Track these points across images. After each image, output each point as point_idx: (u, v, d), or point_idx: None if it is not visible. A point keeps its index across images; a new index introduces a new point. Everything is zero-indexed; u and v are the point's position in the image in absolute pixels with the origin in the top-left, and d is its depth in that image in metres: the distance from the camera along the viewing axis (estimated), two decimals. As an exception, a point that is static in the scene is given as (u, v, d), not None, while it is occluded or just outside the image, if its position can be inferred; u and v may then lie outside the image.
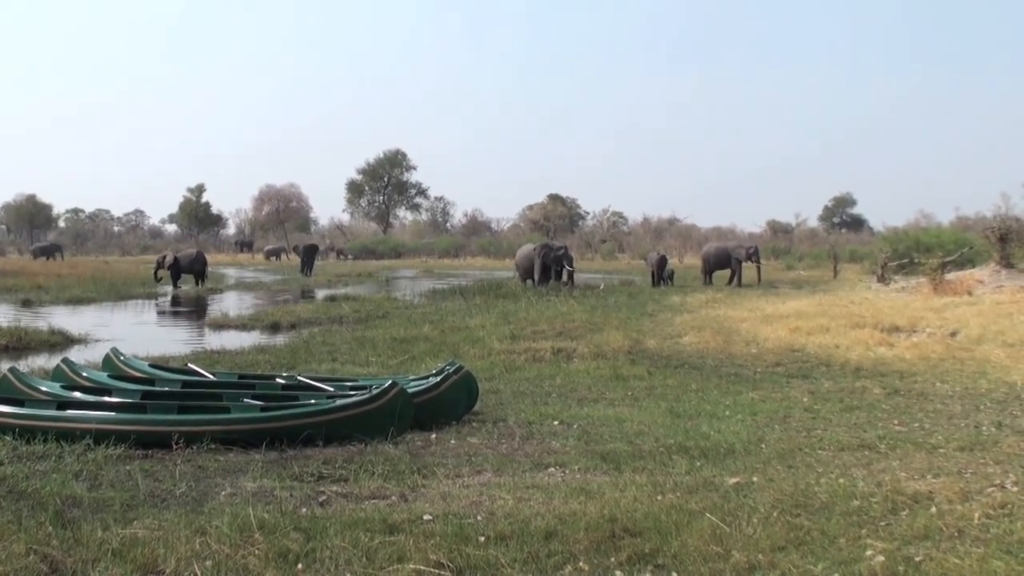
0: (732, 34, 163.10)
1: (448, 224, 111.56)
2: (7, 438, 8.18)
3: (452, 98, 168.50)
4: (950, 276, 26.20)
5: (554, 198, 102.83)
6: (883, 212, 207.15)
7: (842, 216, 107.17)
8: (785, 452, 8.08)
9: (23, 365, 13.20)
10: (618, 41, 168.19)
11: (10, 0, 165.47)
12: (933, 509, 6.02)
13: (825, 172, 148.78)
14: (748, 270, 38.85)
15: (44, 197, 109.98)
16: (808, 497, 6.38)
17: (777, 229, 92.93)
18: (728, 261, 38.31)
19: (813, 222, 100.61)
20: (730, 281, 37.69)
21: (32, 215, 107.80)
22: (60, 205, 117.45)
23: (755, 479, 6.99)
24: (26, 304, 29.89)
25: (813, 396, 11.32)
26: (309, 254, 50.79)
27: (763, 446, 8.35)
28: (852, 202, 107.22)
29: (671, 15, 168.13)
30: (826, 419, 9.79)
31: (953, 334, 16.32)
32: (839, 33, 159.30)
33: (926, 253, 30.74)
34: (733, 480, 6.94)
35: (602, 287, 34.19)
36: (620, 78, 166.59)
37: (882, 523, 5.81)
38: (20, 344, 18.27)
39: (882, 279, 31.88)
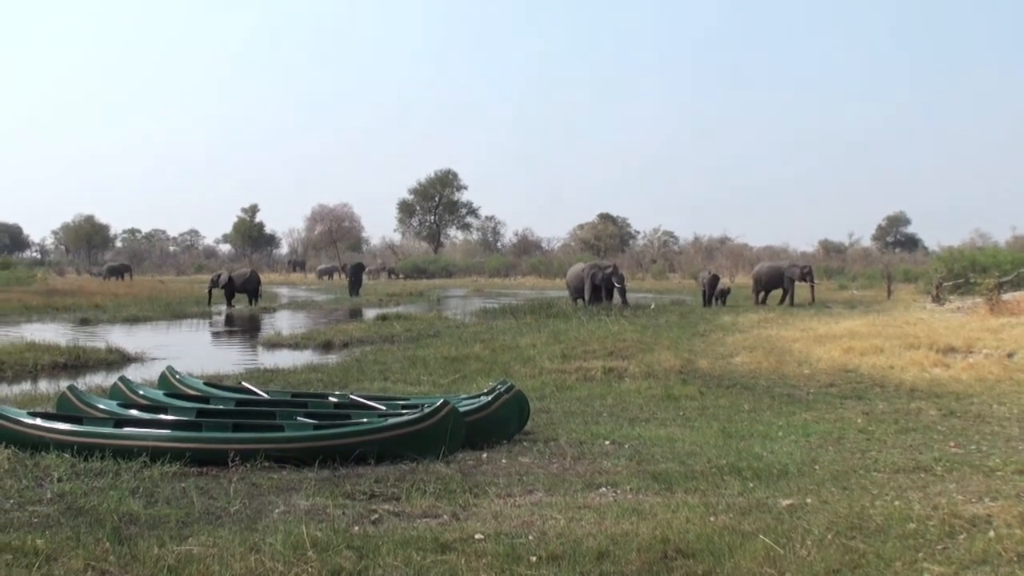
0: (786, 54, 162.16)
1: (499, 243, 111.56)
2: (66, 455, 8.31)
3: (503, 117, 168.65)
4: (1007, 296, 25.75)
5: (604, 217, 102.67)
6: (938, 231, 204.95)
7: (896, 235, 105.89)
8: (839, 474, 7.99)
9: (81, 383, 13.41)
10: (667, 61, 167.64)
11: (78, 31, 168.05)
12: (991, 533, 5.92)
13: (879, 191, 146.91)
14: (801, 289, 38.47)
15: (102, 218, 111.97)
16: (863, 519, 6.30)
17: (830, 248, 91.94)
18: (781, 280, 37.91)
19: (866, 241, 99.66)
20: (782, 300, 37.34)
21: (90, 235, 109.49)
22: (117, 225, 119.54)
23: (809, 501, 6.92)
24: (84, 323, 30.41)
25: (867, 417, 11.19)
26: (356, 274, 50.97)
27: (817, 467, 8.26)
28: (906, 221, 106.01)
29: (727, 31, 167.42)
30: (881, 441, 9.67)
31: (1010, 355, 16.05)
32: (893, 54, 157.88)
33: (982, 273, 30.26)
34: (787, 502, 6.88)
35: (653, 306, 34.06)
36: (670, 95, 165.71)
37: (939, 547, 5.73)
38: (78, 362, 18.60)
39: (937, 299, 31.44)
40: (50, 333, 25.03)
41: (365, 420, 9.29)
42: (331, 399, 11.06)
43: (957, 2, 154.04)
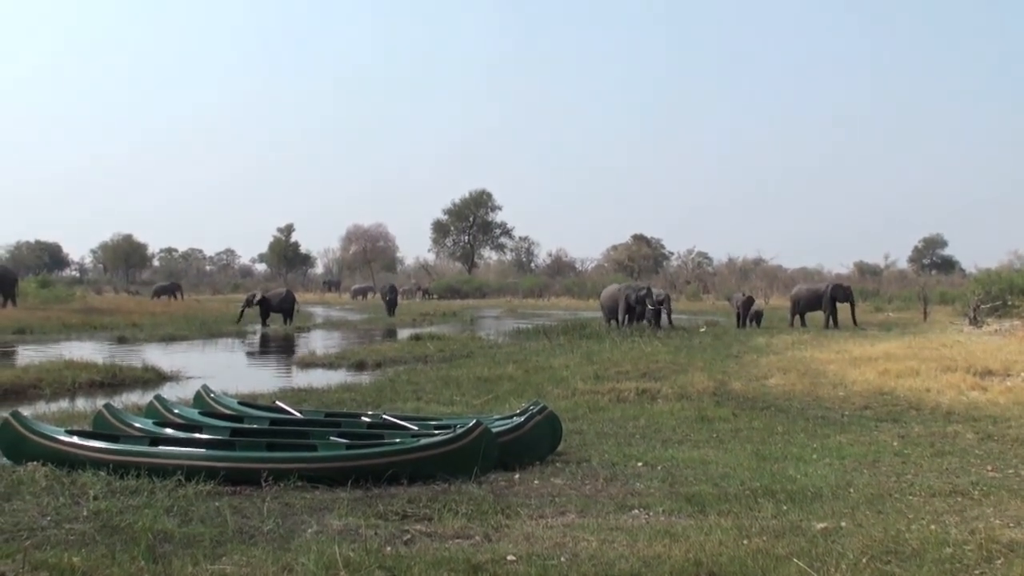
0: (815, 73, 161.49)
1: (532, 264, 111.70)
2: (102, 473, 8.38)
3: (536, 136, 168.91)
4: (1046, 319, 25.53)
5: (638, 238, 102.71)
6: (975, 253, 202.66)
7: (932, 257, 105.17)
8: (874, 497, 7.92)
9: (118, 401, 13.51)
10: (696, 82, 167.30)
11: (122, 50, 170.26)
12: (1030, 558, 5.87)
13: (915, 213, 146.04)
14: (841, 312, 38.15)
15: (140, 237, 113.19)
16: (899, 544, 6.25)
17: (865, 270, 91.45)
18: (819, 302, 37.63)
19: (902, 263, 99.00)
20: (826, 323, 36.99)
21: (128, 254, 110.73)
22: (155, 244, 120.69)
23: (843, 524, 6.87)
24: (121, 341, 30.74)
25: (903, 440, 11.09)
26: (391, 295, 50.87)
27: (851, 491, 8.19)
28: (943, 243, 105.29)
29: (759, 53, 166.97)
30: (917, 464, 9.58)
31: (1049, 379, 15.89)
32: (927, 76, 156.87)
33: (1020, 295, 30.01)
34: (821, 525, 6.83)
35: (704, 328, 33.98)
36: (703, 119, 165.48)
37: (976, 571, 5.68)
38: (115, 381, 18.75)
39: (974, 322, 31.20)
40: (88, 351, 25.30)
41: (398, 440, 9.32)
42: (364, 419, 11.08)
43: (1000, 20, 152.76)
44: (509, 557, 6.04)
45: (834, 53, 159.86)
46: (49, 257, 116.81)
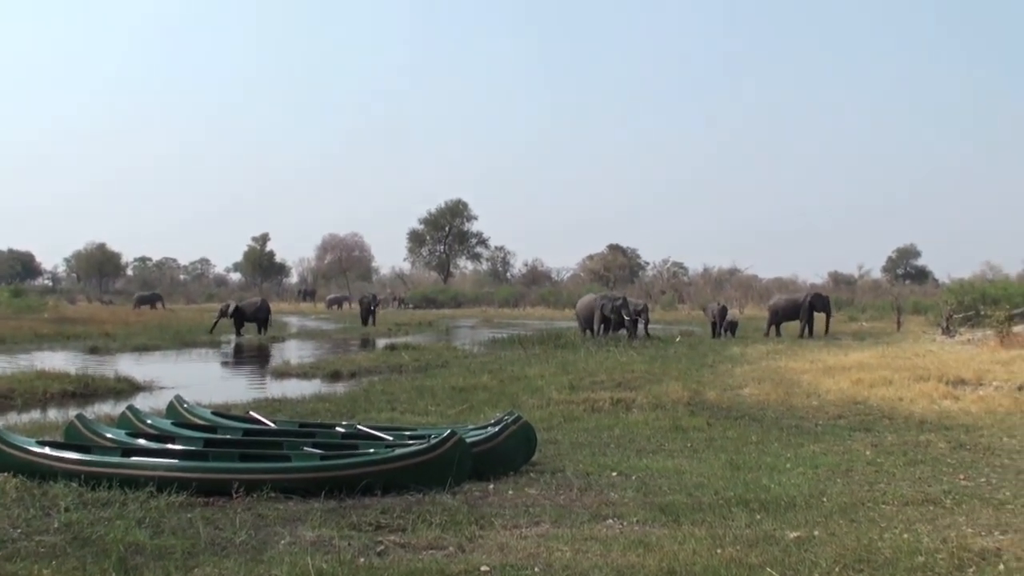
0: (795, 82, 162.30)
1: (508, 274, 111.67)
2: (73, 484, 8.31)
3: (512, 146, 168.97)
4: (1017, 329, 25.71)
5: (614, 248, 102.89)
6: (948, 264, 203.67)
7: (906, 267, 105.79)
8: (847, 506, 7.96)
9: (90, 412, 13.42)
10: (669, 90, 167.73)
11: (99, 58, 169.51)
12: (1001, 567, 5.92)
13: (888, 223, 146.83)
14: (816, 321, 38.42)
15: (113, 246, 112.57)
16: (871, 552, 6.28)
17: (839, 280, 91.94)
18: (797, 312, 37.92)
19: (876, 273, 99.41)
20: (801, 332, 37.25)
21: (101, 263, 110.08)
22: (128, 254, 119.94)
23: (816, 533, 6.90)
24: (94, 351, 30.51)
25: (876, 449, 11.15)
26: (373, 304, 50.65)
27: (825, 500, 8.23)
28: (916, 253, 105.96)
29: (729, 66, 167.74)
30: (889, 473, 9.64)
31: (1021, 388, 16.01)
32: (900, 84, 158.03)
33: (993, 305, 30.19)
34: (794, 534, 6.85)
35: (679, 338, 34.07)
36: (679, 127, 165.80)
37: (948, 580, 5.71)
38: (87, 391, 18.64)
39: (947, 331, 31.44)
40: (60, 361, 25.15)
41: (372, 451, 9.28)
42: (338, 429, 11.04)
43: (962, 32, 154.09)
44: (483, 568, 6.03)
45: (810, 57, 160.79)
46: (22, 267, 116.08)
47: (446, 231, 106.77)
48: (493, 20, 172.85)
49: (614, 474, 9.59)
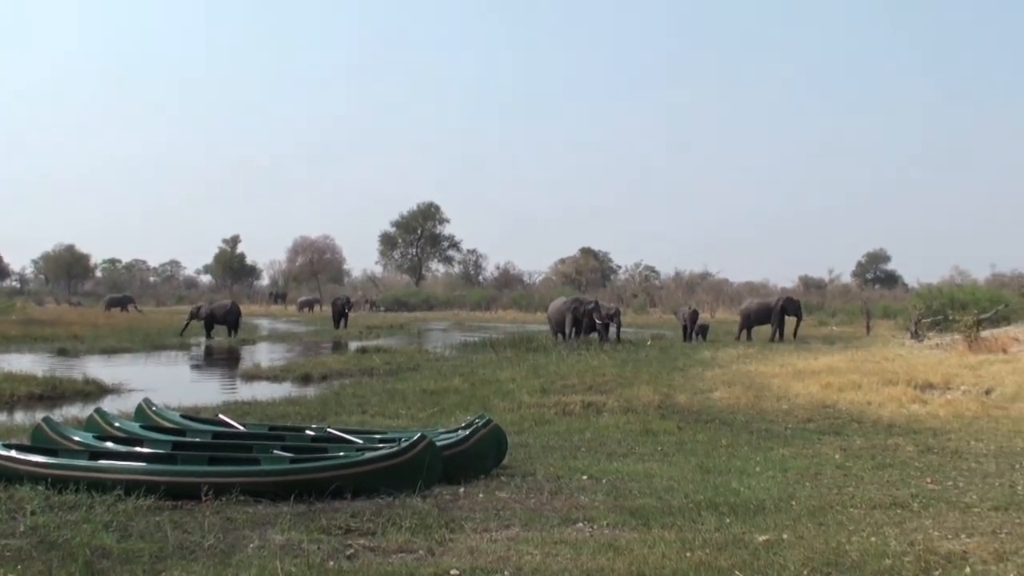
0: (764, 85, 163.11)
1: (480, 277, 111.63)
2: (40, 488, 8.24)
3: (486, 146, 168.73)
4: (985, 333, 25.92)
5: (586, 252, 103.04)
6: (917, 269, 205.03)
7: (876, 272, 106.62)
8: (816, 509, 8.00)
9: (57, 415, 13.32)
10: (637, 90, 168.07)
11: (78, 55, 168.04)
12: (967, 569, 5.96)
13: (858, 228, 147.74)
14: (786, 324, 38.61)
15: (82, 247, 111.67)
16: (839, 555, 6.32)
17: (809, 284, 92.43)
18: (769, 316, 38.07)
19: (846, 278, 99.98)
20: (772, 336, 37.42)
21: (70, 265, 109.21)
22: (97, 255, 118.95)
23: (785, 536, 6.92)
24: (62, 353, 30.30)
25: (845, 453, 11.21)
26: (346, 306, 50.43)
27: (794, 503, 8.27)
28: (886, 258, 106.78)
29: (694, 65, 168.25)
30: (858, 476, 9.69)
31: (988, 392, 16.17)
32: (872, 88, 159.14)
33: (961, 310, 30.49)
34: (763, 537, 6.88)
35: (650, 342, 34.13)
36: (646, 127, 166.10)
37: (914, 583, 5.74)
38: (55, 393, 18.51)
39: (916, 336, 31.64)
40: (27, 363, 24.95)
41: (342, 454, 9.25)
42: (308, 432, 11.01)
43: (936, 37, 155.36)
44: (453, 571, 6.02)
45: (783, 57, 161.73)
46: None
47: (418, 234, 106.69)
48: (461, 15, 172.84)
49: (584, 478, 9.59)
